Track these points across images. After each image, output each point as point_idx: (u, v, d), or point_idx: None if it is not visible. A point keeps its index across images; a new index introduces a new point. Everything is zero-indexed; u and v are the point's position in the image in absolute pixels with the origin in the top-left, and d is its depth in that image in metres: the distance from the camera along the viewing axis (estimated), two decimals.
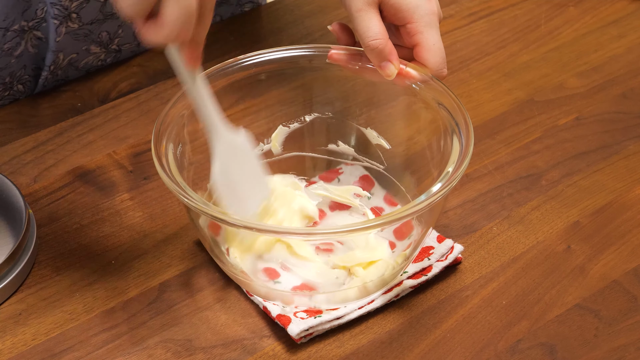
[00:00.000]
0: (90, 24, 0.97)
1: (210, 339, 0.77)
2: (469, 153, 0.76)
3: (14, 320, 0.79)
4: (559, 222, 0.87)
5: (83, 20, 0.96)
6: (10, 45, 0.94)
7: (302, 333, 0.76)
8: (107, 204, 0.88)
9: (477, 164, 0.92)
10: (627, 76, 1.03)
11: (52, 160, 0.93)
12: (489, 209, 0.88)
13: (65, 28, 0.95)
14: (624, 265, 0.83)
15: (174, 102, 0.81)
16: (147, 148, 0.94)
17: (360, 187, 0.87)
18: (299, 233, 0.75)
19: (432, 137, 0.82)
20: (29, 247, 0.82)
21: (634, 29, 1.09)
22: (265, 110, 0.88)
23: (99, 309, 0.80)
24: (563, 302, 0.80)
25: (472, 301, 0.80)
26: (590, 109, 0.99)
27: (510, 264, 0.83)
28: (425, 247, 0.82)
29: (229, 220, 0.72)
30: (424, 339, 0.77)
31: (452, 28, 1.09)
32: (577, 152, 0.94)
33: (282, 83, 0.87)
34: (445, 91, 0.81)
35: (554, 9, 1.12)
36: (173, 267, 0.83)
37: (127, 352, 0.76)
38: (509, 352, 0.76)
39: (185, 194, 0.73)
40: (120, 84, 1.01)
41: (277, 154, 0.88)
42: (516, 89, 1.01)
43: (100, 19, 0.97)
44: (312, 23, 1.10)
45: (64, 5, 0.93)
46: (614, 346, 0.77)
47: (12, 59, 0.96)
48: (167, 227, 0.86)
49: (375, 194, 0.87)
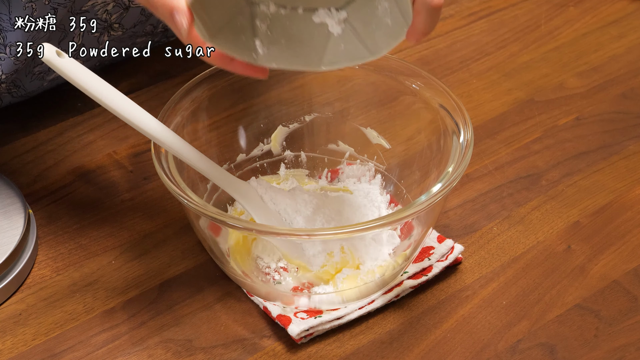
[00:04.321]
0: (134, 27, 0.96)
1: (211, 339, 0.77)
2: (469, 153, 0.76)
3: (14, 320, 0.79)
4: (559, 222, 0.87)
5: (126, 27, 0.95)
6: (41, 69, 0.93)
7: (303, 333, 0.76)
8: (107, 204, 0.88)
9: (477, 164, 0.92)
10: (627, 76, 1.03)
11: (52, 160, 0.93)
12: (489, 209, 0.88)
13: (108, 36, 0.95)
14: (624, 265, 0.83)
15: (174, 102, 0.81)
16: (147, 148, 0.94)
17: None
18: (299, 234, 0.75)
19: (432, 137, 0.82)
20: (29, 247, 0.82)
21: (634, 29, 1.09)
22: (265, 110, 0.88)
23: (99, 309, 0.80)
24: (563, 302, 0.80)
25: (472, 301, 0.80)
26: (590, 109, 0.99)
27: (511, 264, 0.83)
28: (425, 247, 0.82)
29: (229, 221, 0.72)
30: (424, 339, 0.77)
31: (452, 28, 1.09)
32: (577, 152, 0.94)
33: (282, 83, 0.87)
34: (445, 91, 0.81)
35: (554, 9, 1.12)
36: (173, 267, 0.83)
37: (127, 352, 0.76)
38: (509, 352, 0.76)
39: (185, 195, 0.73)
40: (120, 84, 1.01)
41: (277, 154, 0.88)
42: (516, 89, 1.01)
43: (142, 21, 0.96)
44: None
45: (101, 18, 0.92)
46: (614, 346, 0.77)
47: (45, 83, 0.95)
48: (167, 227, 0.86)
49: None
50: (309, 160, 0.89)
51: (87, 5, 0.90)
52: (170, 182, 0.75)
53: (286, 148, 0.88)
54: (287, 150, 0.88)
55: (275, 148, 0.88)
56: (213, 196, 0.84)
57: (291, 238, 0.77)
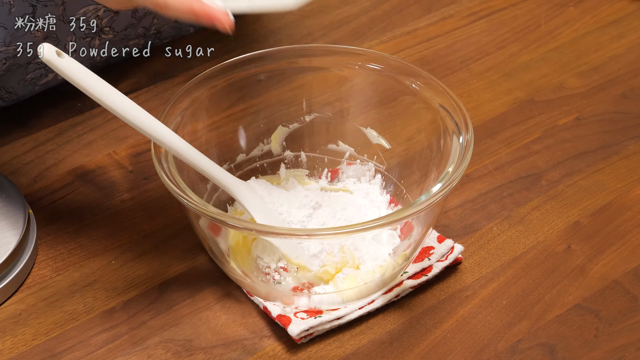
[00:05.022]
0: (125, 30, 0.96)
1: (211, 339, 0.77)
2: (469, 153, 0.76)
3: (14, 320, 0.79)
4: (559, 222, 0.87)
5: (117, 30, 0.95)
6: (33, 75, 0.94)
7: (303, 333, 0.76)
8: (107, 204, 0.88)
9: (477, 164, 0.92)
10: (627, 76, 1.03)
11: (52, 160, 0.93)
12: (489, 209, 0.88)
13: (99, 40, 0.95)
14: (624, 265, 0.83)
15: (174, 102, 0.81)
16: (147, 148, 0.94)
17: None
18: (299, 234, 0.75)
19: (432, 137, 0.82)
20: (29, 247, 0.82)
21: (634, 29, 1.09)
22: (265, 110, 0.88)
23: (99, 309, 0.80)
24: (563, 302, 0.80)
25: (472, 301, 0.80)
26: (590, 109, 0.99)
27: (511, 264, 0.83)
28: (425, 247, 0.82)
29: (229, 221, 0.72)
30: (424, 339, 0.77)
31: (452, 28, 1.09)
32: (577, 152, 0.94)
33: (282, 83, 0.87)
34: (445, 91, 0.81)
35: (554, 9, 1.12)
36: (173, 267, 0.83)
37: (127, 352, 0.76)
38: (509, 352, 0.76)
39: (185, 195, 0.73)
40: (120, 84, 1.01)
41: (277, 154, 0.88)
42: (516, 89, 1.01)
43: (134, 24, 0.97)
44: (312, 23, 1.10)
45: (92, 24, 0.92)
46: (614, 346, 0.77)
47: (36, 87, 0.96)
48: (167, 227, 0.86)
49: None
50: (309, 160, 0.89)
51: (78, 13, 0.90)
52: (170, 182, 0.75)
53: (286, 148, 0.88)
54: (287, 150, 0.88)
55: (275, 148, 0.88)
56: (213, 196, 0.84)
57: (291, 238, 0.77)
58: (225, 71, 0.84)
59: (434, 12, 1.12)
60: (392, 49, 1.06)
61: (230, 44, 1.06)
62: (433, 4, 1.13)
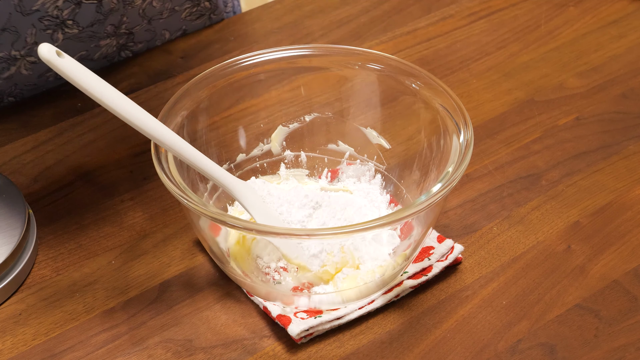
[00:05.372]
0: (92, 26, 0.96)
1: (211, 339, 0.77)
2: (469, 153, 0.76)
3: (14, 320, 0.79)
4: (559, 222, 0.87)
5: (82, 25, 0.95)
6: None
7: (302, 333, 0.76)
8: (107, 204, 0.88)
9: (477, 164, 0.92)
10: (627, 76, 1.03)
11: (52, 160, 0.93)
12: (489, 209, 0.88)
13: (63, 34, 0.95)
14: (624, 265, 0.83)
15: (174, 102, 0.81)
16: (147, 148, 0.93)
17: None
18: (299, 234, 0.75)
19: (432, 137, 0.82)
20: (29, 247, 0.82)
21: (634, 29, 1.09)
22: (265, 110, 0.88)
23: (99, 309, 0.80)
24: (563, 302, 0.80)
25: (472, 301, 0.80)
26: (590, 109, 0.99)
27: (511, 264, 0.83)
28: (425, 247, 0.82)
29: (229, 221, 0.73)
30: (424, 339, 0.77)
31: (452, 28, 1.09)
32: (577, 152, 0.94)
33: (282, 83, 0.87)
34: (445, 91, 0.81)
35: (554, 9, 1.12)
36: (173, 267, 0.83)
37: (127, 352, 0.76)
38: (509, 352, 0.76)
39: (185, 195, 0.73)
40: (120, 84, 1.01)
41: (277, 154, 0.88)
42: (516, 89, 1.01)
43: (100, 19, 0.97)
44: (312, 23, 1.10)
45: (52, 15, 0.92)
46: (614, 346, 0.77)
47: (25, 92, 0.96)
48: (167, 227, 0.86)
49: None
50: (309, 160, 0.89)
51: (37, 4, 0.90)
52: (170, 182, 0.75)
53: (286, 148, 0.88)
54: (287, 150, 0.89)
55: (275, 148, 0.88)
56: (213, 196, 0.84)
57: (291, 238, 0.77)
58: (225, 71, 0.84)
59: (434, 12, 1.12)
60: (392, 49, 1.06)
61: (230, 44, 1.06)
62: (433, 4, 1.13)
